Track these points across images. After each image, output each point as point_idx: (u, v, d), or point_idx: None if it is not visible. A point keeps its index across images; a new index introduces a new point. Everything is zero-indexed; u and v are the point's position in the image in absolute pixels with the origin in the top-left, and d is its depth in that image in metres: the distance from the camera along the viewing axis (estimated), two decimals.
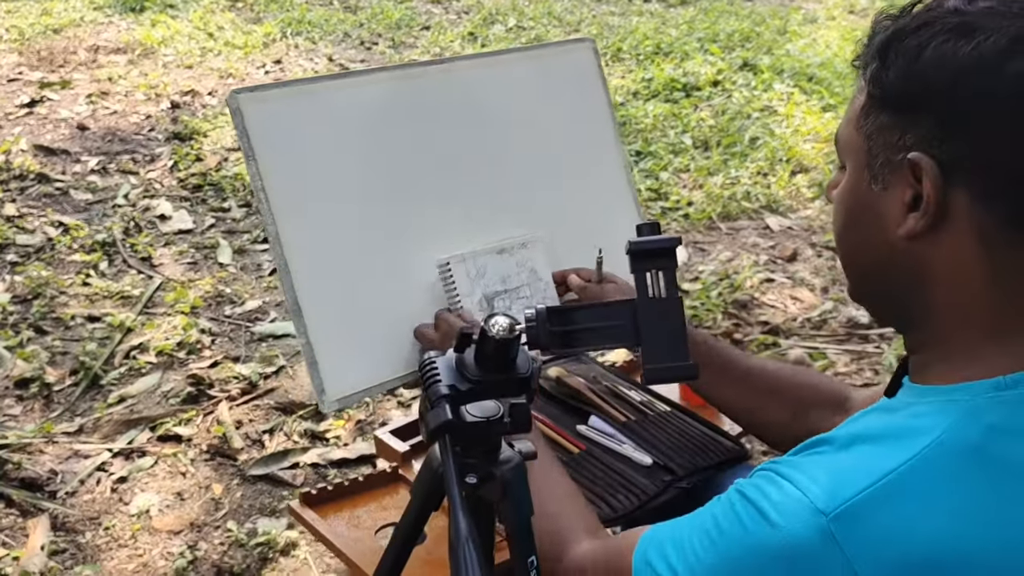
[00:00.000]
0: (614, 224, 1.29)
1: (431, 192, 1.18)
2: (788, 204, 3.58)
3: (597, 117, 1.34)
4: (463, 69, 1.25)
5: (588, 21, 6.37)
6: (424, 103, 1.19)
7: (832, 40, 5.92)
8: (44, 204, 3.36)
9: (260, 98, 1.09)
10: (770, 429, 1.12)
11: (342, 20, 6.11)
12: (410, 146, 1.17)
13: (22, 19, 5.74)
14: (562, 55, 1.35)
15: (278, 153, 1.08)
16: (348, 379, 1.09)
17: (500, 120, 1.25)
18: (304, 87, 1.12)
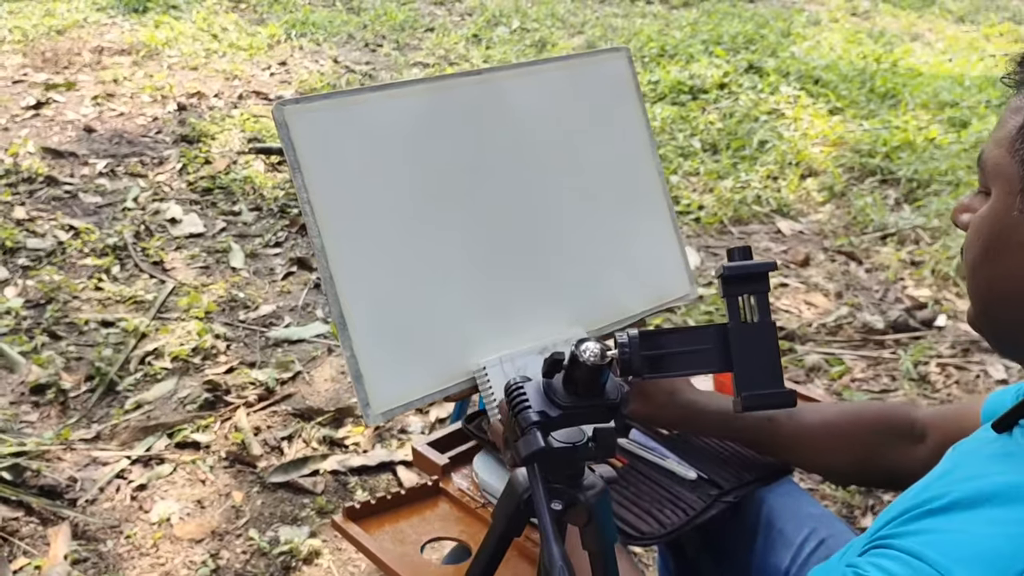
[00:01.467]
0: (656, 255, 1.31)
1: (472, 213, 1.17)
2: (799, 208, 3.58)
3: (632, 130, 1.33)
4: (498, 80, 1.24)
5: (592, 23, 6.37)
6: (462, 115, 1.18)
7: (836, 42, 5.93)
8: (53, 207, 3.34)
9: (305, 110, 1.08)
10: (839, 473, 1.08)
11: (346, 22, 6.10)
12: (450, 160, 1.16)
13: (25, 20, 5.72)
14: (596, 65, 1.34)
15: (324, 165, 1.07)
16: (392, 392, 1.08)
17: (536, 135, 1.24)
18: (348, 99, 1.11)
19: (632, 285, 1.32)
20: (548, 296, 1.23)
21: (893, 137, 4.06)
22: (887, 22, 6.78)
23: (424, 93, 1.17)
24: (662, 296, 1.35)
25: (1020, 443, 0.65)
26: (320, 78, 4.93)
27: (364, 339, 1.07)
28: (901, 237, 3.32)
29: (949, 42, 6.18)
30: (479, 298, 1.16)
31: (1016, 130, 0.66)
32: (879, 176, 3.81)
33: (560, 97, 1.29)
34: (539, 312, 1.21)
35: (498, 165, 1.21)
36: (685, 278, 1.39)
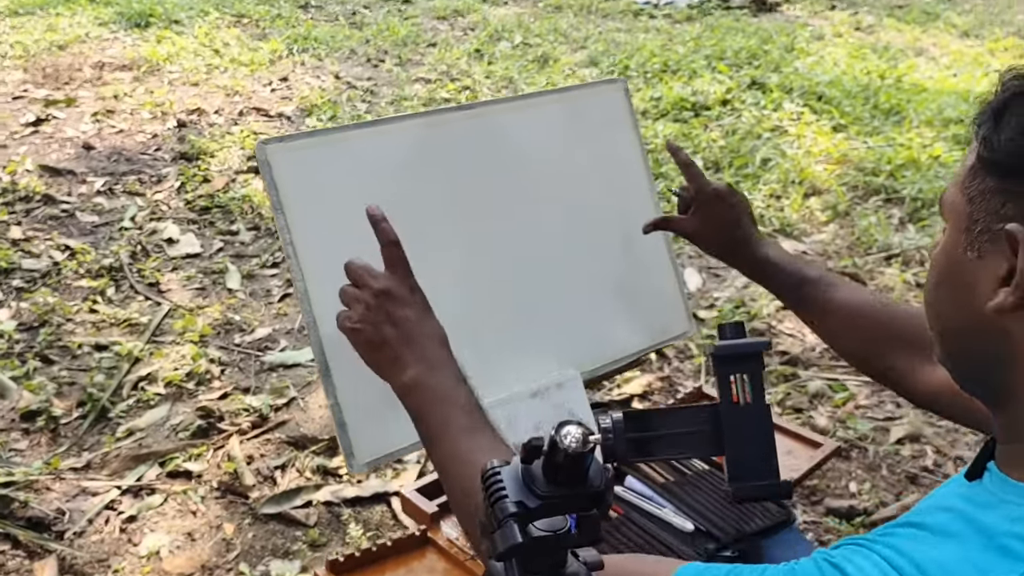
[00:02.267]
0: (649, 278, 1.26)
1: (462, 252, 1.13)
2: (802, 228, 3.54)
3: (629, 163, 1.30)
4: (493, 114, 1.21)
5: (594, 38, 6.35)
6: (455, 152, 1.15)
7: (840, 58, 5.89)
8: (50, 227, 3.32)
9: (289, 148, 1.05)
10: (849, 354, 1.10)
11: (348, 37, 6.09)
12: (442, 198, 1.13)
13: (27, 35, 5.72)
14: (592, 97, 1.31)
15: (308, 206, 1.04)
16: (377, 441, 1.05)
17: (531, 170, 1.21)
18: (333, 136, 1.08)
19: (628, 322, 1.28)
20: (540, 336, 1.20)
21: (897, 155, 4.03)
22: (891, 37, 6.74)
23: (413, 129, 1.14)
24: (659, 334, 1.32)
25: (989, 493, 0.67)
26: (321, 94, 4.91)
27: (348, 386, 1.03)
28: (906, 258, 3.28)
29: (954, 57, 6.15)
30: (468, 340, 1.13)
31: (968, 169, 0.68)
32: (883, 195, 3.78)
33: (555, 131, 1.25)
34: (530, 353, 1.18)
35: (489, 202, 1.17)
36: (683, 314, 1.36)
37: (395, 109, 4.71)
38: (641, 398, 2.49)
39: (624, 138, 1.31)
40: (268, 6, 6.82)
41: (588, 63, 5.71)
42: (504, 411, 1.11)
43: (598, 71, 5.52)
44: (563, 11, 7.30)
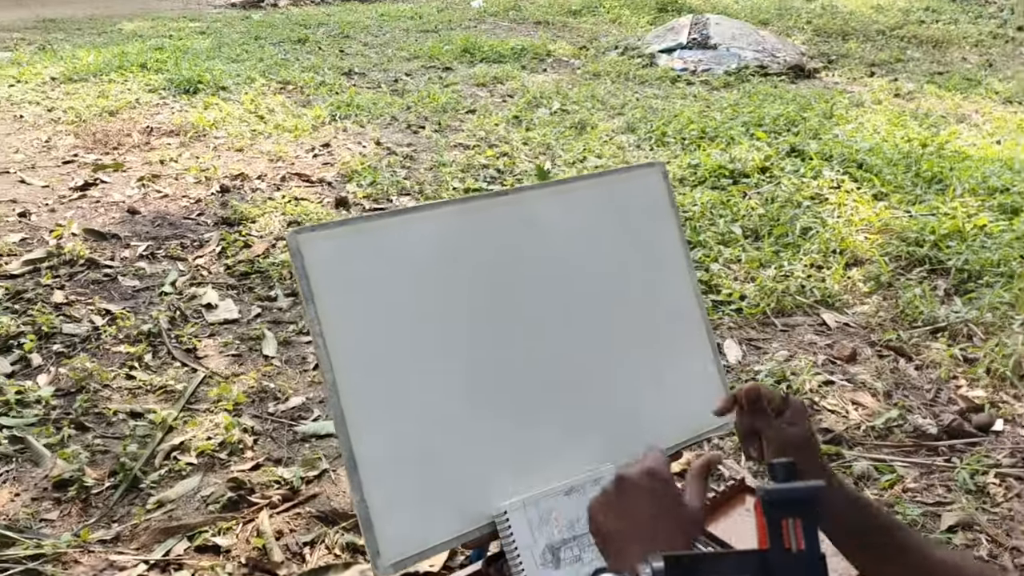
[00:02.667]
0: (695, 386, 1.22)
1: (497, 344, 1.11)
2: (844, 299, 3.47)
3: (669, 250, 1.27)
4: (528, 201, 1.19)
5: (632, 104, 6.39)
6: (490, 241, 1.13)
7: (880, 125, 5.86)
8: (92, 291, 3.36)
9: (320, 238, 1.04)
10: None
11: (390, 104, 6.19)
12: (476, 290, 1.11)
13: (80, 101, 5.90)
14: (630, 181, 1.29)
15: (338, 296, 1.03)
16: (405, 540, 1.01)
17: (567, 257, 1.18)
18: (365, 225, 1.07)
19: (667, 414, 1.24)
20: (577, 429, 1.16)
21: (941, 224, 3.96)
22: (932, 103, 6.70)
23: (447, 217, 1.13)
24: (699, 426, 1.27)
25: None
26: (362, 160, 4.98)
27: (376, 483, 1.01)
28: (953, 332, 3.20)
29: (997, 124, 6.08)
30: (502, 435, 1.10)
31: None
32: (927, 266, 3.70)
33: (593, 218, 1.24)
34: (567, 447, 1.14)
35: (525, 291, 1.15)
36: None
37: (433, 175, 4.76)
38: (679, 477, 2.42)
39: (663, 223, 1.29)
40: (313, 73, 6.98)
41: (625, 130, 5.74)
42: (538, 509, 1.07)
43: (635, 137, 5.54)
44: (601, 78, 7.38)
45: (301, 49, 8.12)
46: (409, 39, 8.93)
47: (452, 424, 1.06)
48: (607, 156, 5.11)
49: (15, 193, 4.32)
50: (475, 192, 4.53)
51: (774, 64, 7.69)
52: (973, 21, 10.79)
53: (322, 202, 4.35)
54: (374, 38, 8.96)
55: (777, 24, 10.20)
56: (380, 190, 4.51)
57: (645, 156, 5.18)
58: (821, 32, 9.79)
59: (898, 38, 9.56)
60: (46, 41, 8.12)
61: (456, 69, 7.60)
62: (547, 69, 7.80)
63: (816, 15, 10.82)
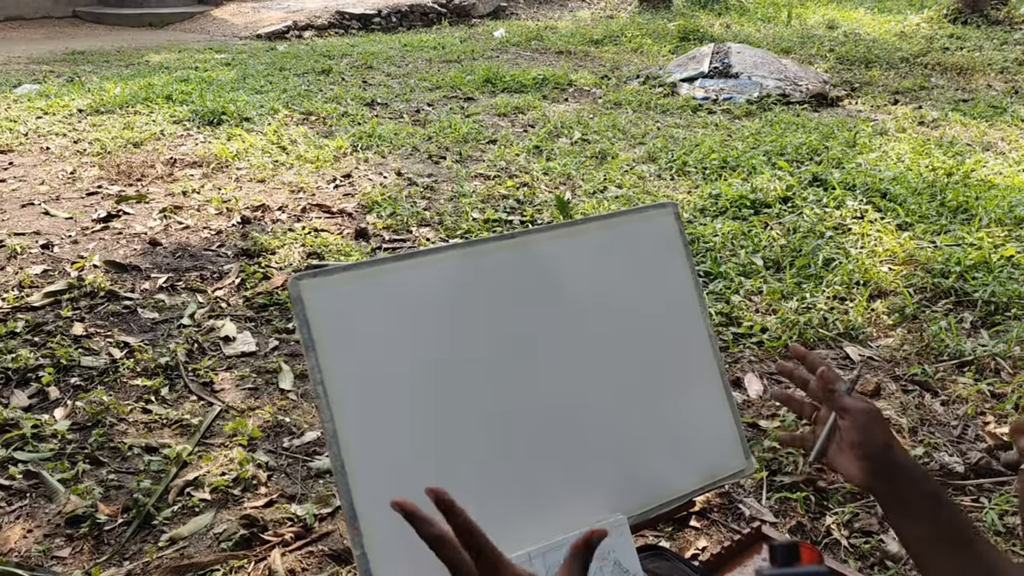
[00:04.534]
0: (702, 421, 1.19)
1: (504, 392, 1.09)
2: (868, 331, 3.41)
3: (681, 291, 1.24)
4: (536, 243, 1.17)
5: (653, 134, 6.38)
6: (497, 285, 1.11)
7: (904, 153, 5.80)
8: (111, 323, 3.38)
9: (323, 284, 1.02)
10: None
11: (411, 134, 6.22)
12: (482, 336, 1.08)
13: (105, 132, 5.99)
14: (641, 223, 1.27)
15: (341, 345, 1.01)
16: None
17: (576, 302, 1.16)
18: (370, 270, 1.06)
19: (680, 461, 1.21)
20: (586, 477, 1.13)
21: (967, 255, 3.89)
22: (957, 131, 6.64)
23: (453, 261, 1.11)
24: (714, 472, 1.24)
25: None
26: (383, 190, 4.99)
27: (376, 536, 0.98)
28: (980, 366, 3.13)
29: (1023, 152, 6.00)
30: (509, 486, 1.07)
31: None
32: (953, 298, 3.64)
33: (603, 260, 1.21)
34: (575, 496, 1.11)
35: (532, 337, 1.13)
36: (740, 450, 1.28)
37: (453, 206, 4.76)
38: (699, 516, 2.38)
39: (675, 265, 1.26)
40: (336, 104, 7.04)
41: (646, 159, 5.73)
42: (544, 561, 1.04)
43: (656, 167, 5.52)
44: (622, 107, 7.39)
45: (325, 80, 8.20)
46: (432, 69, 9.00)
47: (456, 475, 1.04)
48: (627, 186, 5.09)
49: (39, 225, 4.37)
50: (495, 222, 4.53)
51: (796, 92, 7.66)
52: (998, 48, 10.71)
53: (342, 233, 4.36)
54: (397, 68, 9.04)
55: (799, 52, 10.17)
56: (400, 221, 4.52)
57: (666, 186, 5.16)
58: (844, 60, 9.75)
59: (922, 65, 9.50)
60: (74, 73, 8.26)
61: (478, 99, 7.64)
62: (568, 99, 7.81)
63: (839, 43, 10.78)
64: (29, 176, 5.13)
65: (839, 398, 1.13)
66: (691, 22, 11.93)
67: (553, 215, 4.63)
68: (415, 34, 11.83)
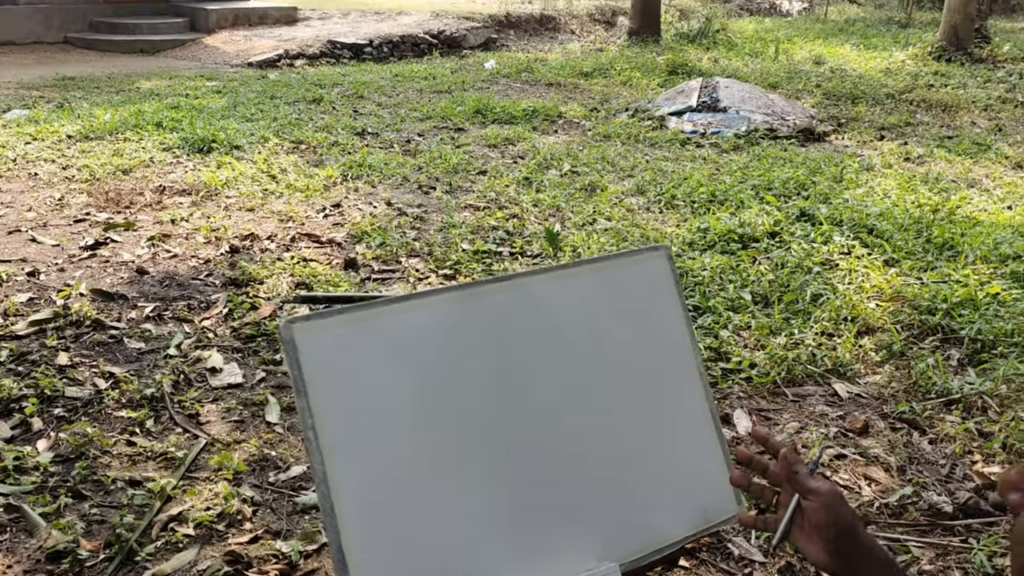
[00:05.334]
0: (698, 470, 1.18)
1: (495, 436, 1.08)
2: (856, 368, 3.42)
3: (673, 335, 1.24)
4: (528, 286, 1.17)
5: (642, 167, 6.43)
6: (488, 330, 1.11)
7: (890, 189, 5.87)
8: (97, 353, 3.35)
9: (315, 328, 1.02)
10: None
11: (401, 164, 6.24)
12: (474, 381, 1.08)
13: (95, 159, 5.97)
14: (634, 266, 1.27)
15: (333, 388, 1.00)
16: None
17: (568, 347, 1.16)
18: (362, 314, 1.05)
19: (672, 506, 1.20)
20: (578, 524, 1.12)
21: (953, 292, 3.92)
22: (942, 168, 6.72)
23: (446, 304, 1.11)
24: (707, 518, 1.23)
25: None
26: (372, 220, 4.99)
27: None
28: (967, 404, 3.14)
29: (1008, 189, 6.08)
30: (500, 532, 1.06)
31: None
32: (940, 335, 3.66)
33: (595, 305, 1.21)
34: (565, 545, 1.10)
35: (524, 382, 1.12)
36: (731, 495, 1.27)
37: (443, 237, 4.76)
38: (688, 555, 2.36)
39: (668, 310, 1.26)
40: (326, 133, 7.06)
41: (635, 192, 5.76)
42: None
43: (645, 200, 5.55)
44: (611, 140, 7.44)
45: (315, 109, 8.23)
46: (422, 100, 9.05)
47: (447, 519, 1.03)
48: (616, 219, 5.12)
49: (25, 252, 4.34)
50: (484, 253, 4.53)
51: (784, 127, 7.74)
52: (981, 86, 10.87)
53: (331, 263, 4.35)
54: (388, 98, 9.08)
55: (786, 87, 10.30)
56: (389, 251, 4.51)
57: (655, 219, 5.18)
58: (831, 95, 9.87)
59: (907, 102, 9.63)
60: (64, 99, 8.26)
61: (468, 130, 7.68)
62: (558, 131, 7.87)
63: (825, 78, 10.93)
64: (16, 202, 5.10)
65: (803, 479, 1.12)
66: (680, 56, 12.07)
67: (543, 247, 4.64)
68: (406, 64, 11.90)
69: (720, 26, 15.47)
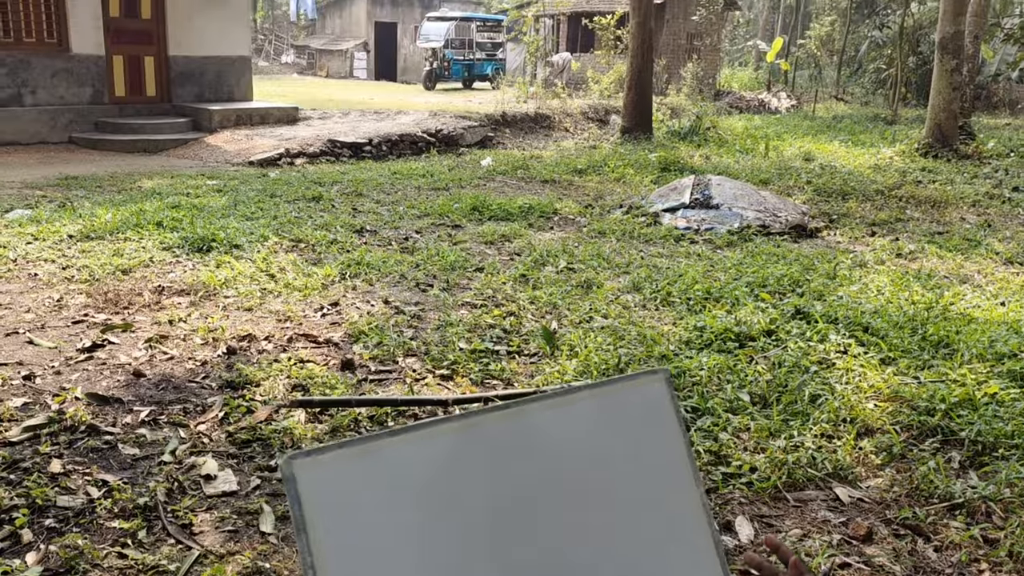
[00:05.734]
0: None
1: (500, 566, 1.07)
2: (857, 471, 3.39)
3: (674, 463, 1.24)
4: (528, 414, 1.17)
5: (637, 263, 6.50)
6: (490, 462, 1.11)
7: (883, 286, 5.92)
8: (91, 459, 3.31)
9: (317, 463, 1.01)
10: None
11: (399, 262, 6.30)
12: (476, 515, 1.07)
13: (95, 259, 6.02)
14: (632, 390, 1.28)
15: (334, 525, 1.00)
16: None
17: (568, 476, 1.16)
18: (364, 447, 1.05)
19: None
20: None
21: (951, 392, 3.92)
22: (934, 264, 6.80)
23: (447, 435, 1.11)
24: None
25: None
26: (370, 319, 5.01)
27: None
28: (971, 509, 3.10)
29: (1000, 285, 6.14)
30: None
31: None
32: (940, 436, 3.64)
33: (594, 432, 1.21)
34: None
35: (525, 514, 1.12)
36: None
37: (440, 336, 4.78)
38: None
39: (667, 435, 1.26)
40: (325, 231, 7.15)
41: (631, 289, 5.81)
42: None
43: (641, 297, 5.59)
44: (606, 236, 7.54)
45: (315, 207, 8.36)
46: (420, 197, 9.21)
47: None
48: (613, 316, 5.15)
49: (22, 354, 4.34)
50: (481, 353, 4.53)
51: (776, 223, 7.86)
52: (969, 182, 11.10)
53: (328, 364, 4.35)
54: (386, 195, 9.24)
55: (778, 184, 10.50)
56: (386, 351, 4.52)
57: (651, 316, 5.21)
58: (821, 191, 10.06)
59: (897, 198, 9.81)
60: (67, 198, 8.38)
61: (465, 227, 7.79)
62: (554, 227, 7.98)
63: (815, 175, 11.15)
64: (15, 303, 5.13)
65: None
66: (672, 153, 12.35)
67: (540, 346, 4.65)
68: (404, 162, 12.15)
69: (711, 124, 15.87)
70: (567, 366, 4.30)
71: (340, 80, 31.92)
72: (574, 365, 4.31)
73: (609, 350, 4.49)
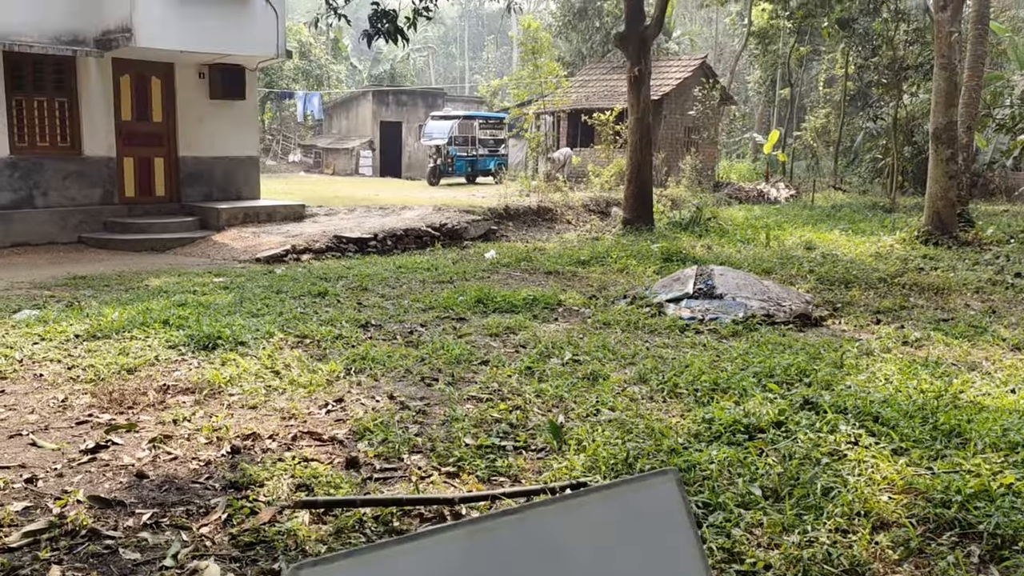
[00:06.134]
0: None
1: None
2: (874, 567, 3.30)
3: (685, 562, 1.22)
4: (538, 518, 1.16)
5: (642, 354, 6.48)
6: (500, 567, 1.09)
7: (891, 374, 5.89)
8: (91, 566, 3.25)
9: (324, 573, 1.00)
10: None
11: (404, 356, 6.29)
12: None
13: (100, 358, 6.03)
14: (643, 491, 1.26)
15: None
16: None
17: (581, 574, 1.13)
18: (371, 556, 1.03)
19: None
20: None
21: (966, 483, 3.85)
22: (941, 351, 6.77)
23: (456, 542, 1.09)
24: None
25: None
26: (375, 415, 4.98)
27: None
28: None
29: (1009, 372, 6.10)
30: None
31: None
32: (958, 529, 3.56)
33: (605, 534, 1.19)
34: None
35: None
36: None
37: (446, 431, 4.73)
38: None
39: (678, 534, 1.24)
40: (330, 327, 7.16)
41: (637, 380, 5.78)
42: None
43: (648, 388, 5.56)
44: (611, 327, 7.54)
45: (320, 302, 8.40)
46: (425, 290, 9.26)
47: None
48: (620, 409, 5.10)
49: (24, 457, 4.30)
50: (487, 448, 4.48)
51: (780, 313, 7.87)
52: (970, 268, 11.15)
53: (332, 462, 4.30)
54: (391, 289, 9.29)
55: (780, 273, 10.56)
56: (391, 448, 4.47)
57: (658, 409, 5.17)
58: (824, 280, 10.10)
59: (900, 285, 9.84)
60: (74, 298, 8.44)
61: (470, 319, 7.80)
62: (558, 319, 7.99)
63: (817, 263, 11.23)
64: (20, 405, 5.11)
65: None
66: (673, 244, 12.47)
67: (547, 440, 4.60)
68: (409, 256, 12.27)
69: (711, 214, 16.07)
70: (575, 461, 4.25)
71: (346, 177, 32.55)
72: (582, 460, 4.25)
73: (617, 444, 4.44)
